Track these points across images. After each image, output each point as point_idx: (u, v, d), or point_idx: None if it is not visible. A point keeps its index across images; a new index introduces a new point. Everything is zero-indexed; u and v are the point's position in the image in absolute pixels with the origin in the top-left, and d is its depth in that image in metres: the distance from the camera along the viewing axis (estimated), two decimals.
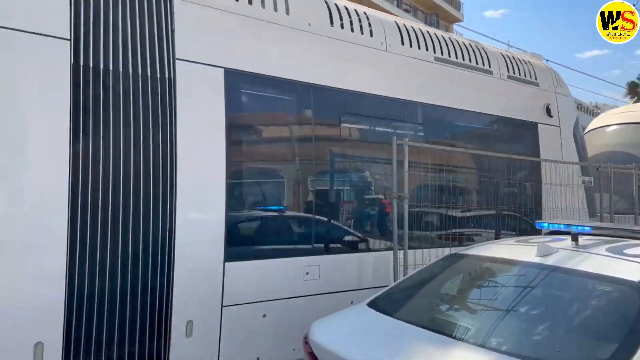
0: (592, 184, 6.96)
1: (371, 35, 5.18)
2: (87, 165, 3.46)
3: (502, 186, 5.76)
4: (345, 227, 5.10)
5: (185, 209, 3.83)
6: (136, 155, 3.66)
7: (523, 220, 6.02)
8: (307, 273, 4.53)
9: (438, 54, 5.66)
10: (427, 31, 5.80)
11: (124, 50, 3.67)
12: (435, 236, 5.33)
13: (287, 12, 4.64)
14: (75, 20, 3.47)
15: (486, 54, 6.20)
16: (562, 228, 3.76)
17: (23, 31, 3.32)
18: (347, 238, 5.09)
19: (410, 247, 4.70)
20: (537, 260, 2.98)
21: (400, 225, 4.71)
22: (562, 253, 3.01)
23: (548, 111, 6.71)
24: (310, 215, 4.71)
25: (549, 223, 3.95)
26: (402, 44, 5.40)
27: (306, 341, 2.99)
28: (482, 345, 2.53)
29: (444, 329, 2.76)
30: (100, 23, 3.58)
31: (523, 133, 6.51)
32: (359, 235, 5.15)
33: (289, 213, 4.82)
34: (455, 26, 32.81)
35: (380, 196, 5.26)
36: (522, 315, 2.79)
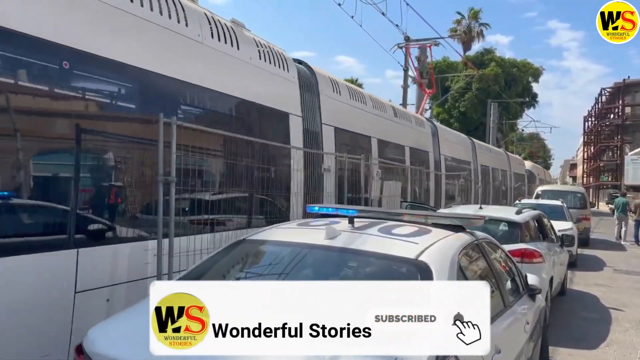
0: (331, 171, 7.76)
1: None
2: None
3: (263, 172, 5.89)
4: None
5: None
6: None
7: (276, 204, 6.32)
8: None
9: None
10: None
11: None
12: (205, 221, 5.07)
13: None
14: None
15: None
16: (330, 211, 4.03)
17: None
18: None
19: (177, 235, 4.38)
20: (327, 242, 3.10)
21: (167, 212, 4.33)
22: (346, 235, 3.20)
23: None
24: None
25: (319, 207, 4.18)
26: None
27: (81, 351, 2.49)
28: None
29: None
30: None
31: None
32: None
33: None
34: None
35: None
36: None
